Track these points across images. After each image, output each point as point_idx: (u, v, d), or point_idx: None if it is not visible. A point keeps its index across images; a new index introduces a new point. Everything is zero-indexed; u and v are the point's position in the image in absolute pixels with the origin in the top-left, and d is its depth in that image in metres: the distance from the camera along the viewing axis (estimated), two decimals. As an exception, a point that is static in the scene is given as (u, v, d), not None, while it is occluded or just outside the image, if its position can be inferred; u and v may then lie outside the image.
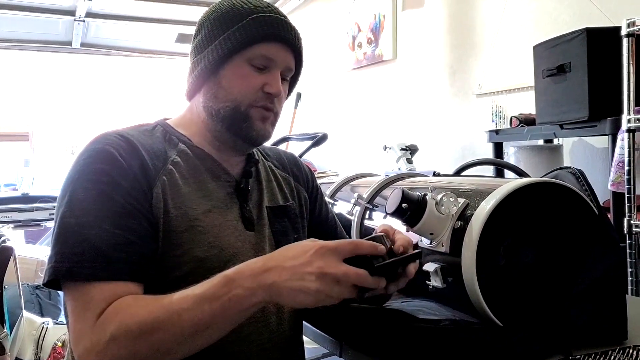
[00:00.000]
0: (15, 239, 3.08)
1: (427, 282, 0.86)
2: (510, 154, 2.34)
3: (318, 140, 2.41)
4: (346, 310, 0.90)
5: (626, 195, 1.69)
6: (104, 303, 0.72)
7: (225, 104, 0.88)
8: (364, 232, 1.16)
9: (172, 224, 0.82)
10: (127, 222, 0.77)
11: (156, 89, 5.83)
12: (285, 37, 0.88)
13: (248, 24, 0.86)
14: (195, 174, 0.88)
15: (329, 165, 3.78)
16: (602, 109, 1.84)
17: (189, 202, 0.84)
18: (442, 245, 0.86)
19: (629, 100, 1.68)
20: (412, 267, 0.78)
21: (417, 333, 0.81)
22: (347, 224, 1.17)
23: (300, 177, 1.06)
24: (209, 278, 0.81)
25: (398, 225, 0.92)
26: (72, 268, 0.73)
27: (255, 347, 0.86)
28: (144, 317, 0.70)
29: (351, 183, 1.38)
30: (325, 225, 1.08)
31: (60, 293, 0.80)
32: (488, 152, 2.54)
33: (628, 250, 1.70)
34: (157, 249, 0.80)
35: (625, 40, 1.69)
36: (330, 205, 1.16)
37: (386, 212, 0.90)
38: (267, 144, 1.03)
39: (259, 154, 1.02)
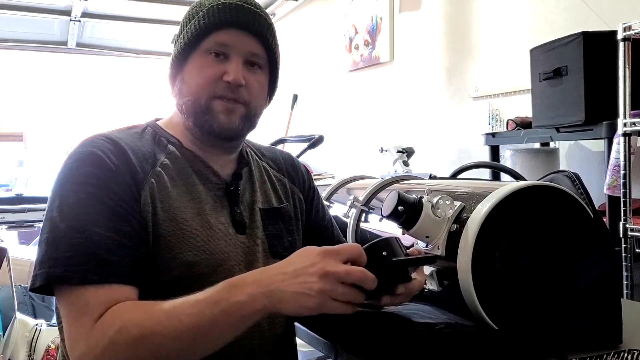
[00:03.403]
0: (8, 240, 3.07)
1: (423, 285, 0.85)
2: (507, 157, 2.35)
3: (314, 142, 2.41)
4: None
5: (622, 199, 1.69)
6: (101, 307, 0.71)
7: (187, 98, 0.87)
8: (360, 234, 1.15)
9: (160, 227, 0.81)
10: (118, 225, 0.76)
11: (152, 90, 5.81)
12: (238, 21, 0.86)
13: (203, 14, 0.86)
14: (184, 176, 0.87)
15: (325, 167, 3.78)
16: (598, 112, 1.84)
17: (178, 205, 0.83)
18: (438, 249, 0.85)
19: (624, 104, 1.68)
20: (422, 272, 0.80)
21: (413, 336, 0.81)
22: (342, 227, 1.16)
23: (296, 178, 1.04)
24: (199, 283, 0.81)
25: (394, 228, 0.91)
26: (65, 273, 0.72)
27: (245, 351, 0.85)
28: (145, 321, 0.69)
29: (347, 185, 1.37)
30: (321, 227, 1.07)
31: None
32: (484, 155, 2.54)
33: (623, 254, 1.70)
34: (148, 253, 0.80)
35: (621, 44, 1.69)
36: (327, 208, 1.15)
37: (382, 215, 0.89)
38: (265, 144, 1.02)
39: (253, 153, 1.00)
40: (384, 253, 0.72)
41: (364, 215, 1.15)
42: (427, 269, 0.85)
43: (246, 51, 0.87)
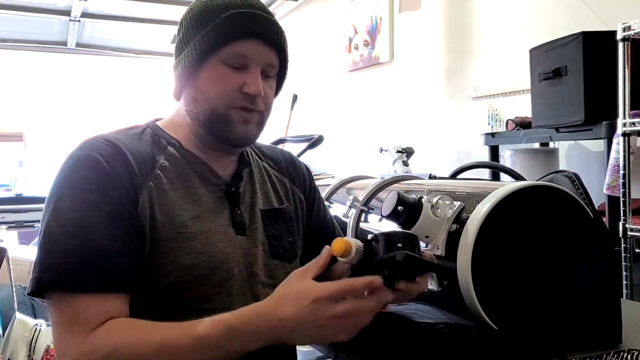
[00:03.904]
0: (8, 240, 3.07)
1: (425, 289, 0.85)
2: (506, 157, 2.35)
3: (314, 142, 2.41)
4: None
5: (621, 199, 1.69)
6: (94, 320, 0.71)
7: (203, 107, 0.85)
8: (360, 234, 1.15)
9: (158, 231, 0.80)
10: (114, 232, 0.75)
11: (151, 90, 5.81)
12: (261, 32, 0.84)
13: (221, 22, 0.83)
14: (184, 178, 0.86)
15: (325, 167, 3.78)
16: (598, 112, 1.84)
17: (177, 208, 0.82)
18: (438, 249, 0.85)
19: (624, 104, 1.68)
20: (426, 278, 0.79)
21: (413, 337, 0.81)
22: (342, 227, 1.16)
23: (297, 177, 1.04)
24: (196, 285, 0.80)
25: (394, 228, 0.91)
26: (56, 279, 0.72)
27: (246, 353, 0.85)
28: (141, 349, 0.69)
29: (347, 185, 1.37)
30: (323, 227, 1.06)
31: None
32: (484, 155, 2.54)
33: (623, 254, 1.70)
34: (145, 258, 0.79)
35: (620, 44, 1.69)
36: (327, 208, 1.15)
37: (382, 215, 0.89)
38: (266, 143, 1.01)
39: (254, 153, 1.00)
40: (399, 245, 0.72)
41: (363, 215, 1.15)
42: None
43: (265, 62, 0.86)
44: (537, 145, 2.39)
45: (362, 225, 1.15)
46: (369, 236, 0.75)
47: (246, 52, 0.84)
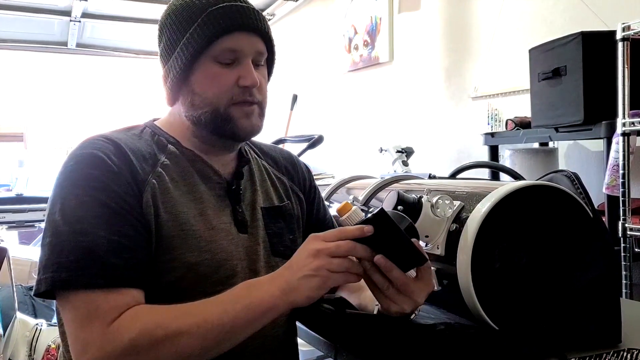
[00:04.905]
0: (9, 240, 3.07)
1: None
2: (506, 157, 2.35)
3: (314, 142, 2.41)
4: (342, 315, 0.90)
5: (621, 199, 1.69)
6: (113, 312, 0.71)
7: (203, 109, 0.85)
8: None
9: (163, 228, 0.80)
10: (122, 228, 0.75)
11: (151, 90, 5.81)
12: (245, 23, 0.84)
13: (203, 22, 0.83)
14: (186, 176, 0.87)
15: (324, 167, 3.78)
16: (597, 112, 1.84)
17: (180, 206, 0.83)
18: (438, 248, 0.86)
19: (623, 104, 1.69)
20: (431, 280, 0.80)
21: (413, 337, 0.81)
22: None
23: (296, 176, 1.04)
24: (200, 283, 0.81)
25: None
26: (70, 277, 0.71)
27: (248, 351, 0.85)
28: (169, 322, 0.70)
29: (347, 185, 1.38)
30: (323, 226, 1.06)
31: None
32: (484, 155, 2.55)
33: (622, 254, 1.70)
34: (151, 254, 0.79)
35: (620, 44, 1.69)
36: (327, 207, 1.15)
37: (382, 215, 0.90)
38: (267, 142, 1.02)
39: (253, 152, 1.00)
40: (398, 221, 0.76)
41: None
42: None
43: (255, 52, 0.87)
44: (536, 145, 2.39)
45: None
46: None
47: (235, 46, 0.84)
